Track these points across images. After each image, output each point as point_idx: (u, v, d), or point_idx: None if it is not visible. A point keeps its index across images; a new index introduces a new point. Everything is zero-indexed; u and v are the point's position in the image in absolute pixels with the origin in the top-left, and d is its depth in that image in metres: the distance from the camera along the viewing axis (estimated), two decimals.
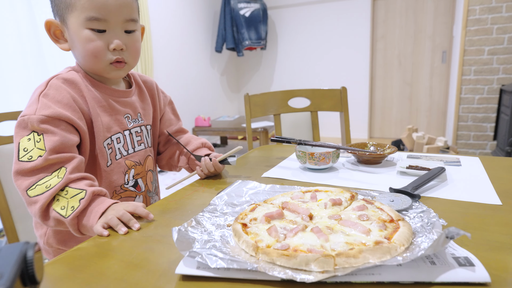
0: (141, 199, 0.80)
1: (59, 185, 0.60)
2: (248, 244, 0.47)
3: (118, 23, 0.68)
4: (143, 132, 0.81)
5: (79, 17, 0.65)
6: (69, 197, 0.60)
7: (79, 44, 0.67)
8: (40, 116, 0.63)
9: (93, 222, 0.59)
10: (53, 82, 0.67)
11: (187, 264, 0.44)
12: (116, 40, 0.68)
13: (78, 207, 0.59)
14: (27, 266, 0.31)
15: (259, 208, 0.58)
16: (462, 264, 0.42)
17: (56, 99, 0.65)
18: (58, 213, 0.60)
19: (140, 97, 0.82)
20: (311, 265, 0.42)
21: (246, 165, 0.94)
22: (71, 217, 0.59)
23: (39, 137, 0.62)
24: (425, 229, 0.50)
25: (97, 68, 0.70)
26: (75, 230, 0.62)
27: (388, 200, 0.62)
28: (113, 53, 0.69)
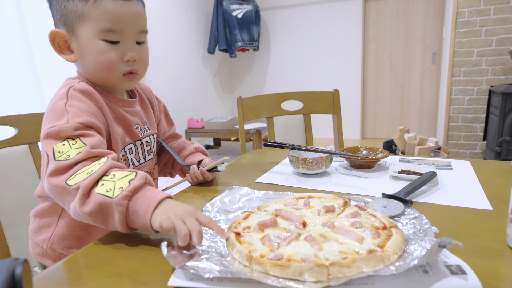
0: None
1: (103, 169, 0.54)
2: (241, 254, 0.46)
3: (132, 34, 0.67)
4: (151, 141, 0.80)
5: (93, 28, 0.63)
6: (116, 179, 0.53)
7: (92, 55, 0.66)
8: (74, 124, 0.60)
9: (147, 208, 0.50)
10: (73, 93, 0.65)
11: (179, 276, 0.44)
12: (130, 52, 0.67)
13: (128, 187, 0.52)
14: (15, 284, 0.31)
15: (252, 216, 0.58)
16: (455, 272, 0.42)
17: (82, 108, 0.63)
18: (103, 194, 0.52)
19: (143, 106, 0.81)
20: (304, 275, 0.42)
21: (239, 170, 0.94)
22: (119, 197, 0.51)
23: (74, 141, 0.59)
24: (417, 236, 0.50)
25: (109, 79, 0.69)
26: (122, 217, 0.52)
27: (380, 206, 0.63)
28: (127, 65, 0.68)
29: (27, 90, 2.27)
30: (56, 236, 0.73)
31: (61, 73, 2.47)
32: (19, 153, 0.97)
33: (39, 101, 2.35)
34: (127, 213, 0.52)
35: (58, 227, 0.73)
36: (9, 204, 0.93)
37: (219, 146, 4.46)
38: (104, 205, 0.52)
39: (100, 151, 0.58)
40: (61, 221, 0.72)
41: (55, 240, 0.73)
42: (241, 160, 1.05)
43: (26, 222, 0.84)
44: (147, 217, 0.51)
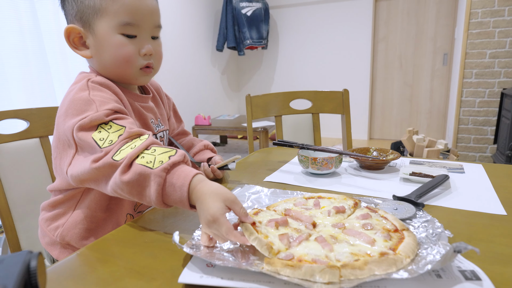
0: None
1: (146, 143, 0.56)
2: (260, 242, 0.46)
3: (149, 29, 0.68)
4: (164, 137, 0.80)
5: (111, 22, 0.64)
6: (157, 154, 0.55)
7: (110, 49, 0.66)
8: (104, 111, 0.60)
9: (184, 181, 0.52)
10: (92, 85, 0.65)
11: (190, 272, 0.44)
12: (147, 45, 0.68)
13: (168, 161, 0.53)
14: (31, 277, 0.31)
15: (262, 213, 0.58)
16: (469, 278, 0.41)
17: (106, 97, 0.64)
18: (143, 165, 0.53)
19: (155, 102, 0.82)
20: (316, 276, 0.41)
21: (248, 169, 0.94)
22: (159, 169, 0.52)
23: (107, 125, 0.60)
24: (430, 240, 0.49)
25: (127, 73, 0.69)
26: (158, 189, 0.53)
27: (391, 208, 0.62)
28: (144, 58, 0.69)
29: (39, 85, 2.30)
30: (69, 223, 0.73)
31: (72, 68, 2.49)
32: (30, 146, 0.98)
33: (50, 96, 2.37)
34: (164, 185, 0.53)
35: (73, 215, 0.73)
36: (20, 196, 0.95)
37: (226, 143, 4.47)
38: (143, 175, 0.53)
39: (139, 130, 0.59)
40: (77, 210, 0.73)
41: (67, 227, 0.73)
42: (249, 158, 1.05)
43: (37, 215, 0.85)
44: (184, 189, 0.52)
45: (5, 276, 0.29)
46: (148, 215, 0.65)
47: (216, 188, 0.51)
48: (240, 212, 0.50)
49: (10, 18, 2.14)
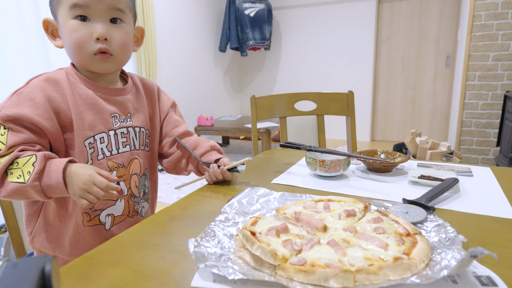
0: (122, 203, 0.77)
1: (8, 160, 0.61)
2: (264, 250, 0.45)
3: (102, 11, 0.67)
4: (129, 134, 0.77)
5: (65, 8, 0.67)
6: (21, 165, 0.61)
7: (66, 36, 0.68)
8: (3, 114, 0.64)
9: (57, 179, 0.60)
10: (34, 81, 0.68)
11: (203, 277, 0.43)
12: (99, 29, 0.67)
13: (34, 169, 0.60)
14: (45, 281, 0.30)
15: (260, 222, 0.56)
16: (485, 283, 0.41)
17: (28, 97, 0.66)
18: (16, 182, 0.61)
19: (136, 97, 0.80)
20: (330, 281, 0.41)
21: (254, 170, 0.93)
22: (30, 180, 0.60)
23: (4, 130, 0.64)
24: (443, 245, 0.49)
25: (82, 59, 0.69)
26: (40, 194, 0.62)
27: (402, 211, 0.62)
28: (97, 43, 0.67)
29: None
30: (37, 228, 0.75)
31: None
32: None
33: None
34: (42, 189, 0.61)
35: (38, 223, 0.75)
36: None
37: (228, 144, 4.46)
38: (20, 190, 0.61)
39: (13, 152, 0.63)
40: (40, 219, 0.75)
41: (37, 232, 0.75)
42: (255, 160, 1.04)
43: None
44: (61, 185, 0.61)
45: (20, 281, 0.29)
46: (155, 218, 0.65)
47: (78, 164, 0.63)
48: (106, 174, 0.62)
49: (13, 17, 2.15)
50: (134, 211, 0.80)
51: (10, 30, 2.14)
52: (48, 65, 2.36)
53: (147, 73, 3.17)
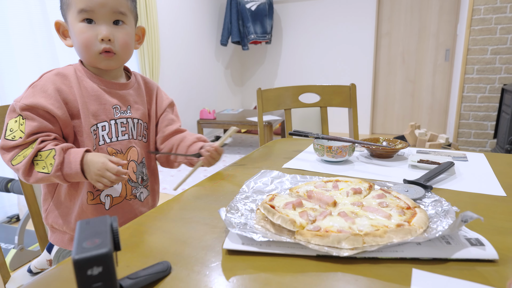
0: (120, 186, 0.85)
1: (32, 153, 0.71)
2: (284, 219, 0.52)
3: (106, 14, 0.75)
4: (128, 124, 0.85)
5: (74, 12, 0.75)
6: (44, 158, 0.72)
7: (75, 37, 0.77)
8: (22, 104, 0.73)
9: (76, 169, 0.71)
10: (46, 75, 0.77)
11: (232, 240, 0.50)
12: (103, 30, 0.75)
13: (55, 162, 0.71)
14: (114, 235, 0.37)
15: (277, 198, 0.63)
16: (474, 244, 0.48)
17: (41, 89, 0.75)
18: (42, 172, 0.72)
19: (137, 93, 0.89)
20: (342, 243, 0.48)
21: (265, 157, 1.00)
22: (53, 172, 0.71)
23: (23, 120, 0.73)
24: (439, 215, 0.56)
25: (89, 58, 0.78)
26: (62, 180, 0.73)
27: (403, 190, 0.69)
28: (102, 43, 0.76)
29: None
30: (51, 205, 0.84)
31: None
32: None
33: None
34: (64, 177, 0.73)
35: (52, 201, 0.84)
36: None
37: (230, 137, 4.53)
38: (45, 178, 0.73)
39: (34, 137, 0.73)
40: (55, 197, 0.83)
41: (51, 209, 0.84)
42: (264, 148, 1.11)
43: None
44: (79, 173, 0.72)
45: (97, 232, 0.36)
46: (181, 197, 0.72)
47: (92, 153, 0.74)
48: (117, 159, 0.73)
49: (20, 11, 2.19)
50: (132, 195, 0.88)
51: (19, 29, 2.19)
52: (55, 61, 2.41)
53: (150, 67, 3.22)
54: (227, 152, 3.88)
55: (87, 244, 0.33)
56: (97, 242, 0.34)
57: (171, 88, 3.70)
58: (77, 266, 0.32)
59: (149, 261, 0.48)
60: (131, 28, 0.81)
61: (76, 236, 0.35)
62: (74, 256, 0.32)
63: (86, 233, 0.36)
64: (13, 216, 2.28)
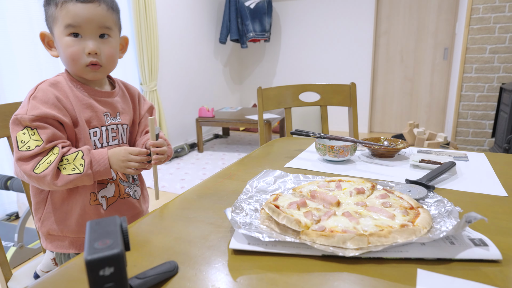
0: (113, 186, 0.88)
1: (58, 158, 0.74)
2: (289, 219, 0.53)
3: (92, 29, 0.78)
4: (118, 130, 0.89)
5: (60, 26, 0.77)
6: (71, 161, 0.75)
7: (62, 50, 0.79)
8: (30, 116, 0.74)
9: (105, 165, 0.76)
10: (41, 86, 0.79)
11: (238, 240, 0.51)
12: (90, 45, 0.78)
13: (85, 162, 0.75)
14: (124, 235, 0.38)
15: (281, 198, 0.63)
16: (478, 244, 0.48)
17: (43, 100, 0.76)
18: (72, 174, 0.74)
19: (122, 99, 0.92)
20: (347, 243, 0.48)
21: (267, 156, 1.01)
22: (85, 170, 0.75)
23: (32, 131, 0.74)
24: (442, 216, 0.57)
25: (76, 70, 0.81)
26: (90, 179, 0.77)
27: (405, 190, 0.69)
28: (89, 57, 0.79)
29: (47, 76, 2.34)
30: (46, 213, 0.84)
31: None
32: None
33: None
34: (94, 175, 0.76)
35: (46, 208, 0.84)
36: None
37: (228, 135, 4.53)
38: (76, 180, 0.75)
39: (53, 143, 0.74)
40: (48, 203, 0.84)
41: (46, 217, 0.84)
42: (266, 147, 1.12)
43: None
44: (108, 169, 0.77)
45: (107, 233, 0.36)
46: (185, 196, 0.72)
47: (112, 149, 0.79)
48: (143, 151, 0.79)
49: (19, 8, 2.18)
50: (125, 194, 0.90)
51: (18, 28, 2.17)
52: (53, 60, 2.40)
53: (149, 65, 3.21)
54: (225, 150, 3.88)
55: (98, 245, 0.34)
56: (108, 243, 0.34)
57: (170, 86, 3.70)
58: (89, 267, 0.32)
59: (155, 261, 0.48)
60: (116, 40, 0.84)
61: (87, 237, 0.35)
62: (87, 256, 0.32)
63: (97, 234, 0.36)
64: (12, 213, 2.28)
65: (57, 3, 0.76)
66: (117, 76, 0.97)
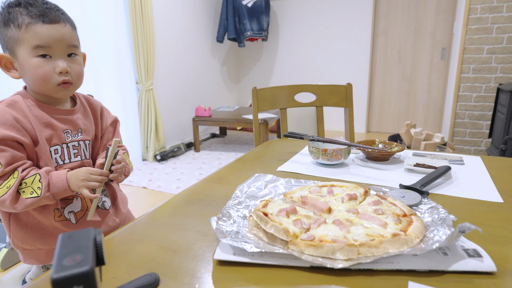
0: (79, 201, 0.86)
1: (17, 182, 0.74)
2: (277, 228, 0.51)
3: (62, 49, 0.78)
4: (80, 146, 0.88)
5: (27, 48, 0.76)
6: (29, 184, 0.75)
7: (29, 71, 0.77)
8: None
9: (63, 187, 0.76)
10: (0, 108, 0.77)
11: (224, 251, 0.49)
12: (61, 64, 0.78)
13: (43, 185, 0.75)
14: (97, 249, 0.35)
15: (270, 204, 0.61)
16: (471, 255, 0.47)
17: (1, 122, 0.75)
18: (31, 198, 0.74)
19: (84, 115, 0.91)
20: (336, 254, 0.46)
21: (259, 159, 0.99)
22: (43, 193, 0.75)
23: None
24: (436, 224, 0.55)
25: (46, 90, 0.80)
26: (51, 200, 0.77)
27: (399, 195, 0.67)
28: (60, 76, 0.79)
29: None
30: (13, 230, 0.83)
31: None
32: None
33: None
34: (53, 196, 0.76)
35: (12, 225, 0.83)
36: None
37: (225, 135, 4.50)
38: (35, 202, 0.75)
39: (12, 167, 0.74)
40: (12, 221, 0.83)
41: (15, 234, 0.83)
42: (258, 149, 1.10)
43: None
44: (67, 190, 0.76)
45: (78, 247, 0.34)
46: (173, 202, 0.70)
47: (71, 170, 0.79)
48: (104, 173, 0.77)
49: None
50: None
51: None
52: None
53: (145, 65, 3.18)
54: (222, 149, 3.86)
55: (67, 262, 0.31)
56: (78, 259, 0.32)
57: (166, 85, 3.67)
58: (55, 286, 0.30)
59: (136, 272, 0.46)
60: (81, 57, 0.85)
61: (57, 252, 0.33)
62: (53, 275, 0.30)
63: (67, 249, 0.34)
64: None
65: (19, 25, 0.74)
66: (113, 75, 0.95)
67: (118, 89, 3.03)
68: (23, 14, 0.75)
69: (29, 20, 0.74)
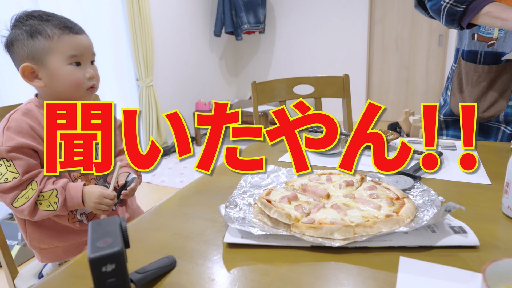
0: None
1: (36, 195, 0.78)
2: (280, 213, 0.56)
3: (89, 57, 0.86)
4: None
5: (61, 57, 0.81)
6: (47, 198, 0.79)
7: (63, 78, 0.82)
8: (6, 147, 0.76)
9: (78, 202, 0.81)
10: (13, 116, 0.81)
11: (232, 235, 0.54)
12: (91, 71, 0.86)
13: (59, 200, 0.79)
14: (124, 234, 0.40)
15: (273, 192, 0.66)
16: (457, 231, 0.52)
17: (17, 130, 0.78)
18: (47, 210, 0.79)
19: None
20: (334, 234, 0.51)
21: (261, 150, 1.03)
22: (59, 208, 0.79)
23: (8, 162, 0.77)
24: (426, 205, 0.60)
25: (78, 95, 0.85)
26: (65, 213, 0.83)
27: (393, 180, 0.72)
28: (89, 81, 0.86)
29: None
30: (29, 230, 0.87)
31: None
32: None
33: None
34: (67, 210, 0.81)
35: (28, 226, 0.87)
36: None
37: None
38: (51, 214, 0.80)
39: (29, 176, 0.78)
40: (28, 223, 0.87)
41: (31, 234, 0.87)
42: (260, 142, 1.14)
43: None
44: (81, 205, 0.82)
45: (108, 232, 0.39)
46: (182, 192, 0.75)
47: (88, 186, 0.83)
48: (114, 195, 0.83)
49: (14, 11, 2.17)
50: None
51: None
52: None
53: (145, 61, 3.21)
54: (223, 142, 3.90)
55: (100, 244, 0.36)
56: (109, 242, 0.37)
57: (166, 81, 3.70)
58: (92, 264, 0.35)
59: (154, 256, 0.51)
60: None
61: (90, 236, 0.38)
62: (90, 255, 0.35)
63: (98, 233, 0.39)
64: None
65: (50, 36, 0.79)
66: (114, 73, 1.00)
67: (119, 87, 3.07)
68: (49, 26, 0.79)
69: (60, 32, 0.80)
